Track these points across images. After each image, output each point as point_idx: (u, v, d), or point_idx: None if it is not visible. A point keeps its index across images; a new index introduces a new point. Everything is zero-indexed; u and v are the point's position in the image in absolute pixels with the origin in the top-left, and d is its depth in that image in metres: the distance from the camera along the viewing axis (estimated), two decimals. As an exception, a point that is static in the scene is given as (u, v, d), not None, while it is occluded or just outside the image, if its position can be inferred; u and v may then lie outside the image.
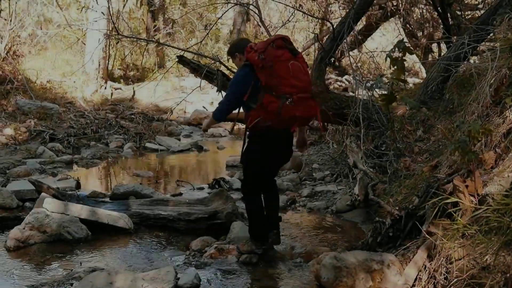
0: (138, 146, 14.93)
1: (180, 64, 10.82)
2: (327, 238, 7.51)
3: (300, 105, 6.46)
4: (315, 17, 17.96)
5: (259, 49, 6.50)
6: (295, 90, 6.45)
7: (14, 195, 9.20)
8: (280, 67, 6.47)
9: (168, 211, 8.02)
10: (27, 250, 7.09)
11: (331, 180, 10.46)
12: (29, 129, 14.92)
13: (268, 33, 13.00)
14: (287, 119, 6.48)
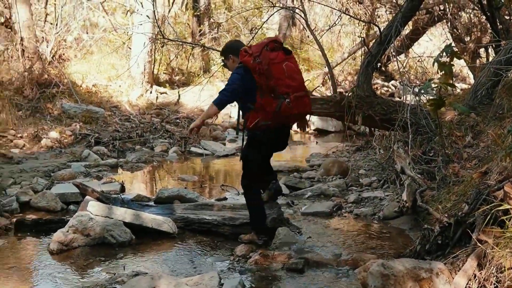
0: (183, 150, 14.90)
1: (225, 68, 10.75)
2: (374, 245, 7.37)
3: (296, 104, 6.98)
4: (362, 20, 17.83)
5: (254, 52, 6.96)
6: (291, 90, 6.95)
7: (59, 198, 9.26)
8: (276, 69, 6.94)
9: (213, 215, 7.96)
10: (70, 253, 7.09)
11: (378, 186, 10.31)
12: (75, 132, 14.98)
13: (314, 37, 12.91)
14: (285, 117, 7.03)
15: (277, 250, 6.88)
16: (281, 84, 6.93)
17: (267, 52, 6.99)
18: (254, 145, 7.34)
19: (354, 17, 17.18)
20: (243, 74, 7.02)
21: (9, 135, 14.10)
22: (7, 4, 18.32)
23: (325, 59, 12.34)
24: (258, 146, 7.32)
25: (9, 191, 9.77)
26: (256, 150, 7.36)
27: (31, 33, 18.21)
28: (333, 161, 11.86)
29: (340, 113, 10.61)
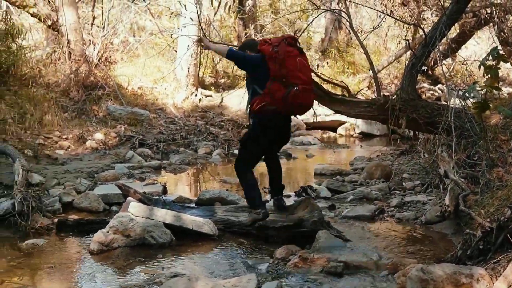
0: (226, 153, 14.93)
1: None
2: (415, 249, 7.29)
3: (303, 95, 7.67)
4: (406, 23, 17.69)
5: (274, 43, 7.77)
6: (300, 81, 7.65)
7: (101, 199, 9.36)
8: (290, 61, 7.65)
9: (253, 218, 7.94)
10: (110, 253, 7.13)
11: (421, 190, 10.19)
12: (119, 134, 15.08)
13: (358, 39, 12.83)
14: (291, 105, 7.66)
15: (317, 253, 6.81)
16: (292, 75, 7.61)
17: (285, 45, 7.73)
18: (255, 132, 7.96)
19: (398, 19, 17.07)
20: (260, 58, 7.74)
21: (55, 136, 14.23)
22: (54, 7, 18.49)
23: (369, 61, 12.27)
24: (259, 134, 7.89)
25: (52, 191, 9.86)
26: (256, 139, 7.96)
27: (78, 35, 18.40)
28: (376, 165, 11.78)
29: (383, 116, 10.54)
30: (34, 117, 14.41)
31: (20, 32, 16.05)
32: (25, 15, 19.61)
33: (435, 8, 18.21)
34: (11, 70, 16.23)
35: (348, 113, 11.14)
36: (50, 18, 18.58)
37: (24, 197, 8.45)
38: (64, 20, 18.17)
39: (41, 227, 8.11)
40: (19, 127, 13.73)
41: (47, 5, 18.69)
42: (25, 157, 11.19)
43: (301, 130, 19.33)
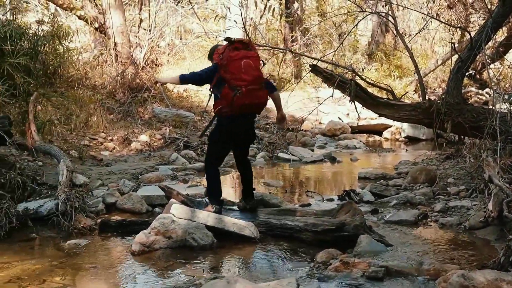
0: (271, 156, 14.90)
1: (313, 74, 10.73)
2: (457, 255, 7.18)
3: (249, 95, 8.13)
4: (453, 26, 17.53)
5: (220, 51, 8.38)
6: (244, 83, 8.10)
7: (144, 200, 9.39)
8: (233, 65, 8.17)
9: (295, 221, 7.91)
10: (151, 254, 7.16)
11: (466, 196, 10.04)
12: (164, 136, 15.16)
13: (404, 42, 12.75)
14: (239, 106, 8.16)
15: (358, 257, 6.77)
16: (235, 78, 8.13)
17: (229, 51, 8.27)
18: (215, 129, 8.84)
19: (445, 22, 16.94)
20: (212, 69, 8.45)
21: (100, 137, 14.37)
22: (101, 10, 18.65)
23: (414, 64, 12.19)
24: (220, 131, 8.68)
25: (96, 192, 9.95)
26: (218, 134, 8.74)
27: (125, 38, 18.55)
28: (420, 169, 11.67)
29: (428, 120, 10.47)
30: (80, 118, 14.57)
31: (67, 34, 16.19)
32: (73, 17, 19.81)
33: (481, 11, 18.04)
34: (58, 71, 16.39)
35: (392, 116, 11.08)
36: (97, 20, 18.75)
37: (68, 197, 8.53)
38: (111, 23, 18.34)
39: (84, 227, 8.16)
40: (65, 128, 13.88)
41: (94, 7, 18.85)
42: (70, 158, 11.32)
43: (346, 133, 19.26)
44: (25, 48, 13.39)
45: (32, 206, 8.60)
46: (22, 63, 12.80)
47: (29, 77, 13.19)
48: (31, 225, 8.29)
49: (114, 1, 18.51)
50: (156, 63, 20.33)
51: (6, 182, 9.08)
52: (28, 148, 11.49)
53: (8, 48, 12.69)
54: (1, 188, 8.79)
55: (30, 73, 13.34)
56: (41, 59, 14.41)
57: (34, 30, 14.44)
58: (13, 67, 12.66)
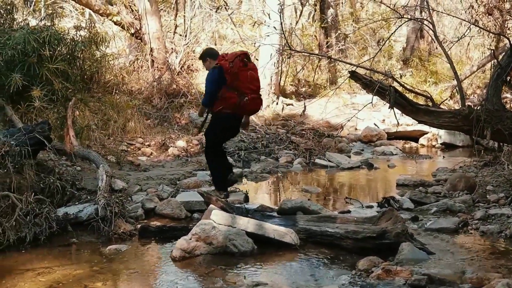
0: (307, 162, 14.83)
1: (352, 80, 10.69)
2: (500, 263, 7.08)
3: (252, 102, 10.02)
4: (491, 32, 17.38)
5: (229, 59, 9.86)
6: (249, 91, 9.93)
7: (183, 206, 9.39)
8: (243, 75, 9.87)
9: (335, 228, 7.85)
10: (192, 260, 7.14)
11: (505, 203, 9.92)
12: (201, 141, 15.15)
13: (443, 49, 12.63)
14: (241, 110, 10.07)
15: (400, 265, 6.71)
16: (243, 86, 9.89)
17: (238, 61, 9.87)
18: (215, 126, 10.37)
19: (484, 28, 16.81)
20: (217, 76, 9.96)
21: (137, 143, 14.42)
22: (137, 16, 18.73)
23: (453, 71, 12.07)
24: (217, 127, 10.33)
25: (135, 197, 9.98)
26: (215, 129, 10.36)
27: (161, 44, 18.61)
28: (460, 176, 11.55)
29: (468, 127, 10.35)
30: (117, 123, 14.62)
31: (104, 39, 16.26)
32: (109, 23, 19.90)
33: (519, 18, 17.87)
34: (95, 77, 16.48)
35: (432, 123, 10.97)
36: (133, 26, 18.82)
37: (108, 202, 8.54)
38: (147, 28, 18.41)
39: (123, 232, 8.17)
40: (103, 133, 13.95)
41: (130, 13, 18.93)
42: (108, 163, 11.34)
43: (383, 139, 19.15)
44: (63, 54, 13.45)
45: (72, 211, 8.62)
46: (60, 68, 12.86)
47: (67, 82, 13.25)
48: (71, 230, 8.31)
49: (150, 7, 18.57)
50: (192, 68, 20.36)
51: (46, 186, 9.12)
52: (67, 153, 11.53)
53: (47, 53, 12.75)
54: (41, 193, 8.83)
55: (68, 79, 13.39)
56: (79, 64, 14.47)
57: (72, 35, 14.50)
58: (51, 72, 12.71)
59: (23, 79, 12.01)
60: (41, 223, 7.98)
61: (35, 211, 8.08)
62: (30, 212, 8.03)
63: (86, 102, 14.44)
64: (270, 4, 18.89)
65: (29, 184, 8.89)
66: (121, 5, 19.14)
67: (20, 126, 10.48)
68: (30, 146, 9.17)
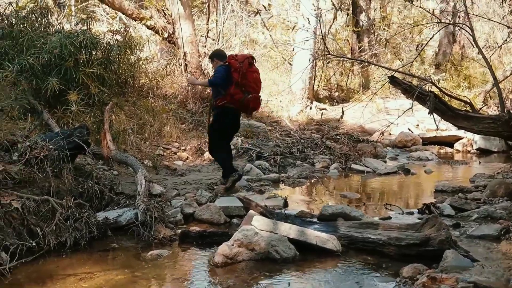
0: (344, 167, 14.73)
1: (391, 85, 10.60)
2: (545, 271, 7.00)
3: (253, 100, 11.18)
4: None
5: (239, 59, 11.01)
6: (253, 91, 11.10)
7: (222, 211, 9.33)
8: (250, 75, 10.98)
9: (378, 235, 7.76)
10: (234, 267, 7.07)
11: (548, 209, 9.83)
12: (236, 146, 15.13)
13: (482, 54, 12.51)
14: (244, 106, 11.18)
15: (445, 273, 6.61)
16: (249, 85, 11.01)
17: (247, 62, 10.98)
18: (218, 119, 11.49)
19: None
20: (226, 70, 11.00)
21: (173, 147, 14.42)
22: (170, 20, 18.74)
23: (493, 77, 12.00)
24: (219, 120, 11.42)
25: (173, 202, 9.97)
26: (217, 123, 11.46)
27: (194, 48, 18.63)
28: (499, 182, 11.40)
29: (508, 133, 10.27)
30: (153, 128, 14.63)
31: (138, 44, 16.31)
32: (140, 27, 19.96)
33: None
34: (130, 81, 16.52)
35: (471, 129, 10.89)
36: (166, 30, 18.84)
37: (147, 207, 8.53)
38: (181, 33, 18.44)
39: (164, 237, 8.13)
40: (139, 138, 13.95)
41: (162, 17, 18.95)
42: (144, 167, 11.32)
43: (418, 145, 19.04)
44: (99, 58, 13.49)
45: (112, 215, 8.62)
46: (96, 72, 12.89)
47: (103, 86, 13.29)
48: (111, 235, 8.29)
49: (184, 11, 18.59)
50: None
51: (84, 191, 9.16)
52: (104, 158, 11.56)
53: (83, 57, 12.79)
54: (80, 197, 8.83)
55: (104, 83, 13.45)
56: (114, 68, 14.51)
57: (108, 40, 14.54)
58: (87, 77, 12.75)
59: (59, 83, 12.05)
60: (81, 228, 7.97)
61: (75, 216, 8.06)
62: (70, 216, 8.02)
63: (121, 106, 14.48)
64: (305, 9, 18.85)
65: (68, 189, 8.92)
66: (154, 10, 19.16)
67: (58, 130, 10.51)
68: (69, 150, 9.19)
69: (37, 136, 9.49)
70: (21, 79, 12.21)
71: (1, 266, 6.47)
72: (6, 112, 11.26)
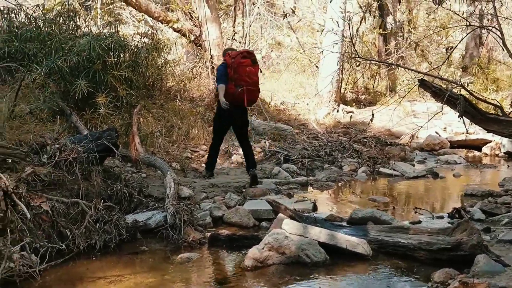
0: (372, 170, 14.62)
1: (421, 88, 10.52)
2: None
3: (247, 93, 11.59)
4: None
5: (232, 56, 11.73)
6: (245, 84, 11.57)
7: (251, 214, 9.32)
8: (241, 69, 11.57)
9: (408, 239, 7.71)
10: (265, 270, 7.07)
11: None
12: (264, 149, 15.11)
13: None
14: (237, 99, 11.63)
15: (477, 277, 6.55)
16: (240, 79, 11.56)
17: (240, 57, 11.65)
18: (216, 112, 12.56)
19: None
20: (224, 68, 11.79)
21: (201, 150, 14.43)
22: (197, 23, 18.77)
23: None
24: (217, 113, 12.45)
25: (202, 205, 9.96)
26: (218, 116, 12.35)
27: (221, 51, 18.58)
28: (529, 186, 11.33)
29: (541, 138, 10.16)
30: (181, 130, 14.65)
31: (165, 46, 16.36)
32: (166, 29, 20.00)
33: None
34: (157, 84, 16.57)
35: (501, 132, 10.76)
36: (193, 33, 18.86)
37: (177, 210, 8.53)
38: (208, 35, 18.44)
39: (193, 240, 8.14)
40: (167, 140, 13.98)
41: (189, 20, 18.98)
42: (172, 170, 11.33)
43: (445, 148, 18.91)
44: (127, 60, 13.53)
45: (141, 218, 8.65)
46: (124, 75, 12.93)
47: (131, 89, 13.33)
48: (140, 238, 8.32)
49: (210, 13, 18.61)
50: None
51: (113, 193, 9.21)
52: (132, 160, 11.59)
53: (112, 60, 12.83)
54: (109, 200, 8.87)
55: (132, 85, 13.49)
56: (141, 71, 14.56)
57: (136, 42, 14.59)
58: (116, 79, 12.80)
59: (88, 86, 12.11)
60: (110, 230, 8.02)
61: (105, 218, 8.11)
62: (100, 219, 8.06)
63: (149, 109, 14.53)
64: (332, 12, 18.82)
65: (97, 191, 8.98)
66: (180, 12, 19.20)
67: (87, 133, 10.57)
68: (98, 153, 9.24)
69: (66, 139, 9.54)
70: (49, 82, 12.29)
71: (31, 268, 6.49)
72: (35, 114, 11.31)
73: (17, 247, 6.55)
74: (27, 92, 11.79)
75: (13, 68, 11.72)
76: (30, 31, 13.14)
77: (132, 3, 18.39)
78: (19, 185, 7.45)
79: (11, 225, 6.89)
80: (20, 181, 7.65)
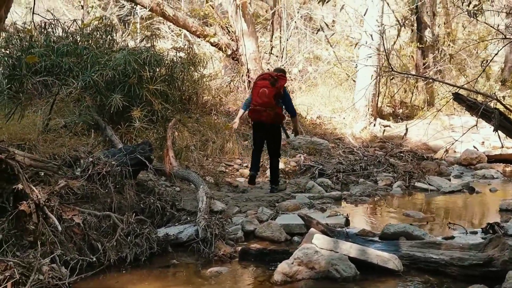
0: (407, 185, 14.50)
1: (456, 102, 10.44)
2: None
3: (253, 113, 12.35)
4: None
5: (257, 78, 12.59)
6: (255, 104, 12.17)
7: (283, 229, 9.29)
8: (255, 90, 12.25)
9: (440, 255, 7.64)
10: (294, 285, 7.05)
11: None
12: (299, 163, 15.09)
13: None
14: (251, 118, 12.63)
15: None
16: (254, 99, 12.20)
17: (258, 79, 12.43)
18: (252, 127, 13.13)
19: None
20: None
21: (235, 164, 14.44)
22: (234, 37, 18.84)
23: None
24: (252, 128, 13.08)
25: (234, 219, 9.94)
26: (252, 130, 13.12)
27: (258, 65, 18.69)
28: None
29: None
30: (215, 144, 14.68)
31: (201, 61, 16.44)
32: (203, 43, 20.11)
33: None
34: (193, 98, 16.64)
35: (538, 147, 10.69)
36: (230, 47, 18.94)
37: (208, 224, 8.54)
38: (244, 50, 18.54)
39: (224, 254, 8.13)
40: (201, 154, 14.01)
41: (226, 34, 19.06)
42: (206, 184, 11.35)
43: (483, 162, 18.71)
44: (163, 75, 13.61)
45: (172, 231, 8.66)
46: (160, 89, 13.01)
47: (166, 103, 13.40)
48: (171, 251, 8.33)
49: (247, 28, 18.69)
50: (289, 90, 20.36)
51: (146, 207, 9.25)
52: (166, 174, 11.63)
53: (147, 74, 12.92)
54: (141, 213, 8.91)
55: (167, 99, 13.56)
56: (177, 85, 14.63)
57: (172, 57, 14.67)
58: (151, 93, 12.88)
59: (123, 100, 12.19)
60: (141, 244, 8.04)
61: (136, 232, 8.13)
62: (131, 232, 8.09)
63: (184, 123, 14.58)
64: (368, 26, 18.78)
65: (130, 204, 9.01)
66: (217, 27, 19.29)
67: (121, 147, 10.64)
68: (131, 167, 9.29)
69: (100, 152, 9.62)
70: (85, 96, 12.41)
71: (61, 280, 6.51)
72: (70, 128, 11.41)
73: (47, 259, 6.60)
74: (62, 106, 11.90)
75: (50, 82, 11.84)
76: (67, 46, 13.28)
77: (170, 18, 18.57)
78: (52, 198, 7.54)
79: (42, 237, 6.97)
80: (53, 194, 7.73)
